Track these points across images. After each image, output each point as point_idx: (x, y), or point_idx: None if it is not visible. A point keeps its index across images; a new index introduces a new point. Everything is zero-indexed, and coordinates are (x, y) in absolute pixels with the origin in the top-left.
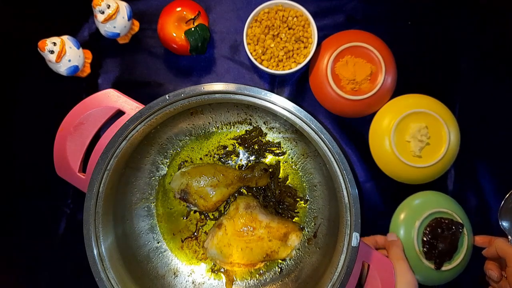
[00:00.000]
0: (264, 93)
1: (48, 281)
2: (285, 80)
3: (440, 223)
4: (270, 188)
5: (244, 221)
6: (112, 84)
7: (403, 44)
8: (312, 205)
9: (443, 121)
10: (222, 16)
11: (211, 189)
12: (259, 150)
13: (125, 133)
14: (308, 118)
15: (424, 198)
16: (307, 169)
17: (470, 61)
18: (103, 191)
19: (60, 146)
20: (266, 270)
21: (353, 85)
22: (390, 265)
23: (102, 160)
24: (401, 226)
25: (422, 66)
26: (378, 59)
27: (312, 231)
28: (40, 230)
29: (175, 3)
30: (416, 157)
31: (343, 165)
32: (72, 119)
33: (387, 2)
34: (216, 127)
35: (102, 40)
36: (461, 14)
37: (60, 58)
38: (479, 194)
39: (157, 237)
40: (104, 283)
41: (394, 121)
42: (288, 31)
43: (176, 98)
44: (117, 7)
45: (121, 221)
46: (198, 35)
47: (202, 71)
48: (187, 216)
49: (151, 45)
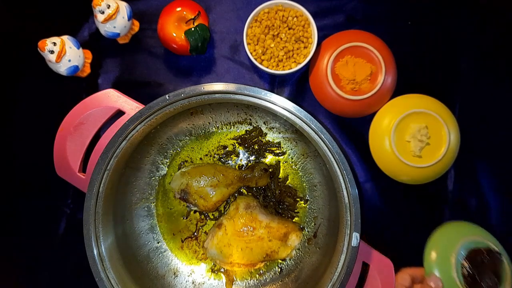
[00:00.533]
0: (264, 93)
1: (48, 281)
2: (285, 80)
3: (478, 254)
4: (270, 188)
5: (244, 221)
6: (112, 84)
7: (403, 44)
8: (312, 205)
9: (443, 121)
10: (222, 16)
11: (211, 189)
12: (259, 150)
13: (125, 133)
14: (308, 118)
15: (451, 229)
16: (307, 169)
17: (470, 61)
18: (103, 191)
19: (60, 146)
20: (266, 270)
21: (353, 85)
22: (390, 265)
23: (102, 160)
24: (435, 266)
25: (422, 66)
26: (378, 59)
27: (312, 231)
28: (40, 230)
29: (175, 3)
30: (416, 157)
31: (343, 165)
32: (72, 119)
33: (387, 2)
34: (216, 127)
35: (102, 40)
36: (461, 14)
37: (60, 58)
38: (479, 194)
39: (157, 237)
40: (104, 283)
41: (394, 121)
42: (288, 31)
43: (176, 98)
44: (117, 7)
45: (121, 221)
46: (198, 35)
47: (202, 71)
48: (187, 216)
49: (151, 45)
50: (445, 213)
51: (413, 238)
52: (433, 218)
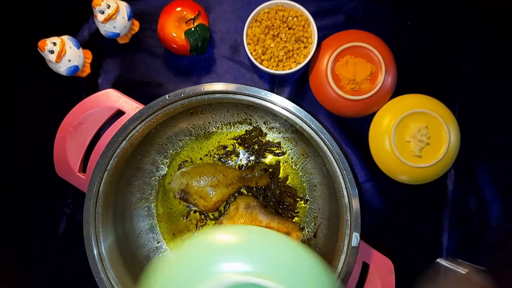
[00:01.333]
0: (264, 93)
1: (48, 281)
2: (285, 80)
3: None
4: (270, 188)
5: (244, 221)
6: (112, 84)
7: (403, 44)
8: (312, 205)
9: (443, 121)
10: (222, 16)
11: (211, 189)
12: (259, 150)
13: (125, 133)
14: (308, 118)
15: None
16: (307, 169)
17: (470, 61)
18: (103, 191)
19: (60, 146)
20: None
21: (353, 85)
22: (390, 265)
23: (102, 160)
24: None
25: (422, 66)
26: (378, 59)
27: (312, 231)
28: (40, 230)
29: (175, 3)
30: (416, 157)
31: (343, 165)
32: (72, 119)
33: (387, 2)
34: (216, 127)
35: (102, 40)
36: (461, 14)
37: (60, 58)
38: (479, 194)
39: (157, 237)
40: (104, 283)
41: (394, 121)
42: (288, 31)
43: (176, 98)
44: (117, 7)
45: (121, 221)
46: (198, 35)
47: (202, 71)
48: (187, 216)
49: (151, 45)
50: (445, 213)
51: (413, 238)
52: (433, 218)
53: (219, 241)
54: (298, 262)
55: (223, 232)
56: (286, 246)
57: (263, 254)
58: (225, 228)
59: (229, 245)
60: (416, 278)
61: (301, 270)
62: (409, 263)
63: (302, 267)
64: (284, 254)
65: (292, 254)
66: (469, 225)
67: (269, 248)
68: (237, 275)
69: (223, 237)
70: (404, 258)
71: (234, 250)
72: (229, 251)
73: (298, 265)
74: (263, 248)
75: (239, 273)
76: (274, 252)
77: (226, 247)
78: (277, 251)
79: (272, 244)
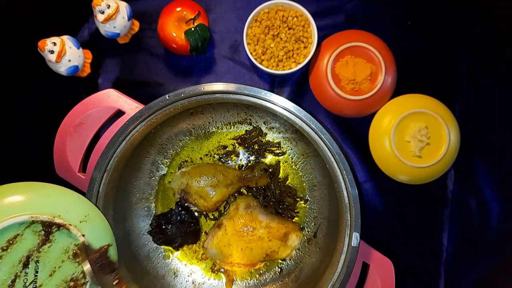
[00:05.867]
0: (264, 93)
1: None
2: (285, 80)
3: None
4: (270, 188)
5: (244, 221)
6: (112, 84)
7: (403, 44)
8: (312, 205)
9: (443, 121)
10: (222, 16)
11: (211, 189)
12: (259, 150)
13: (125, 133)
14: (308, 118)
15: None
16: (307, 169)
17: (470, 61)
18: (103, 191)
19: (60, 146)
20: (266, 270)
21: (353, 85)
22: (390, 265)
23: (102, 160)
24: None
25: (422, 66)
26: (378, 59)
27: (312, 231)
28: None
29: (175, 3)
30: (416, 157)
31: (343, 165)
32: (72, 119)
33: (387, 2)
34: (216, 127)
35: (102, 40)
36: (461, 14)
37: (60, 58)
38: (479, 194)
39: None
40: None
41: (394, 121)
42: (288, 31)
43: (176, 98)
44: (117, 7)
45: (121, 221)
46: (198, 35)
47: (202, 71)
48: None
49: (151, 45)
50: (445, 213)
51: (413, 238)
52: (433, 218)
53: None
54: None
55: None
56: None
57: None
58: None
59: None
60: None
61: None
62: (409, 263)
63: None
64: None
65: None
66: (469, 225)
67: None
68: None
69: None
70: (404, 258)
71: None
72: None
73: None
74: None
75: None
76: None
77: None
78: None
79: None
